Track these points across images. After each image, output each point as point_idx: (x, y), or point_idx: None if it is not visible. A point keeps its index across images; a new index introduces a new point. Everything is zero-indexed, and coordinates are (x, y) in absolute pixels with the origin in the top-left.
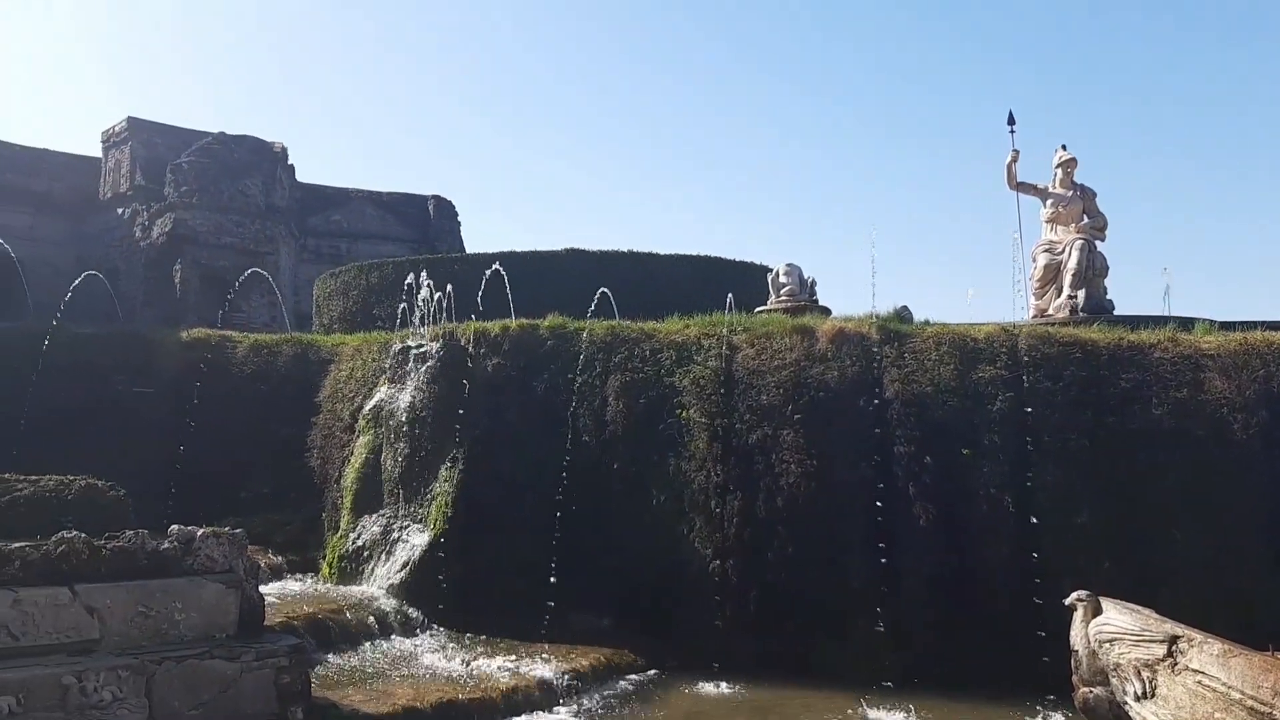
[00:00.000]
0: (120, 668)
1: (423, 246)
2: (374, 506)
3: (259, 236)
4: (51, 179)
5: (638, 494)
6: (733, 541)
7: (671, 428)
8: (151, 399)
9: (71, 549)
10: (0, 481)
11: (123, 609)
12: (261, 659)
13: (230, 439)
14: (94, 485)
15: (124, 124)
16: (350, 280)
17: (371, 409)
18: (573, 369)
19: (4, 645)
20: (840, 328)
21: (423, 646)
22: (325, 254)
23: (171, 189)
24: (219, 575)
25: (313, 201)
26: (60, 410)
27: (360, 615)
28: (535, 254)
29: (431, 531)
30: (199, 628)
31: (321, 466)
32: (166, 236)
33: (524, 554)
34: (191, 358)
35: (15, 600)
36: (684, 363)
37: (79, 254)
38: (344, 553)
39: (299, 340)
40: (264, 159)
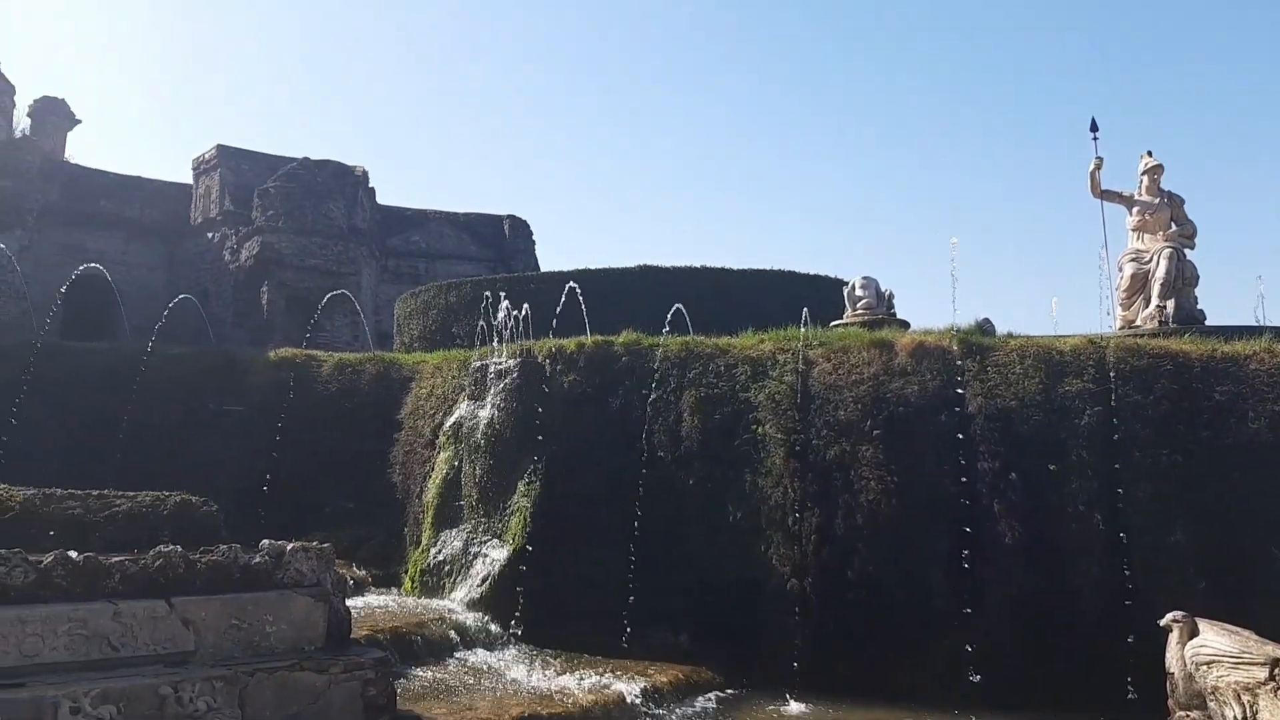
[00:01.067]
0: (215, 678)
1: (498, 265)
2: (454, 521)
3: (342, 258)
4: (145, 205)
5: (714, 510)
6: (811, 559)
7: (747, 443)
8: (241, 416)
9: (168, 562)
10: (100, 497)
11: (217, 621)
12: (349, 671)
13: (316, 455)
14: (188, 500)
15: (213, 151)
16: (430, 299)
17: (451, 425)
18: (647, 385)
19: (104, 656)
20: (920, 341)
21: (503, 660)
22: (405, 274)
23: (259, 213)
24: (308, 589)
25: (392, 223)
26: (156, 427)
27: (442, 629)
28: (609, 271)
29: (510, 547)
30: (289, 640)
31: (403, 482)
32: (254, 259)
33: (601, 569)
34: (279, 376)
35: (115, 612)
36: (759, 378)
37: (171, 277)
38: (425, 567)
39: (381, 359)
40: (346, 183)
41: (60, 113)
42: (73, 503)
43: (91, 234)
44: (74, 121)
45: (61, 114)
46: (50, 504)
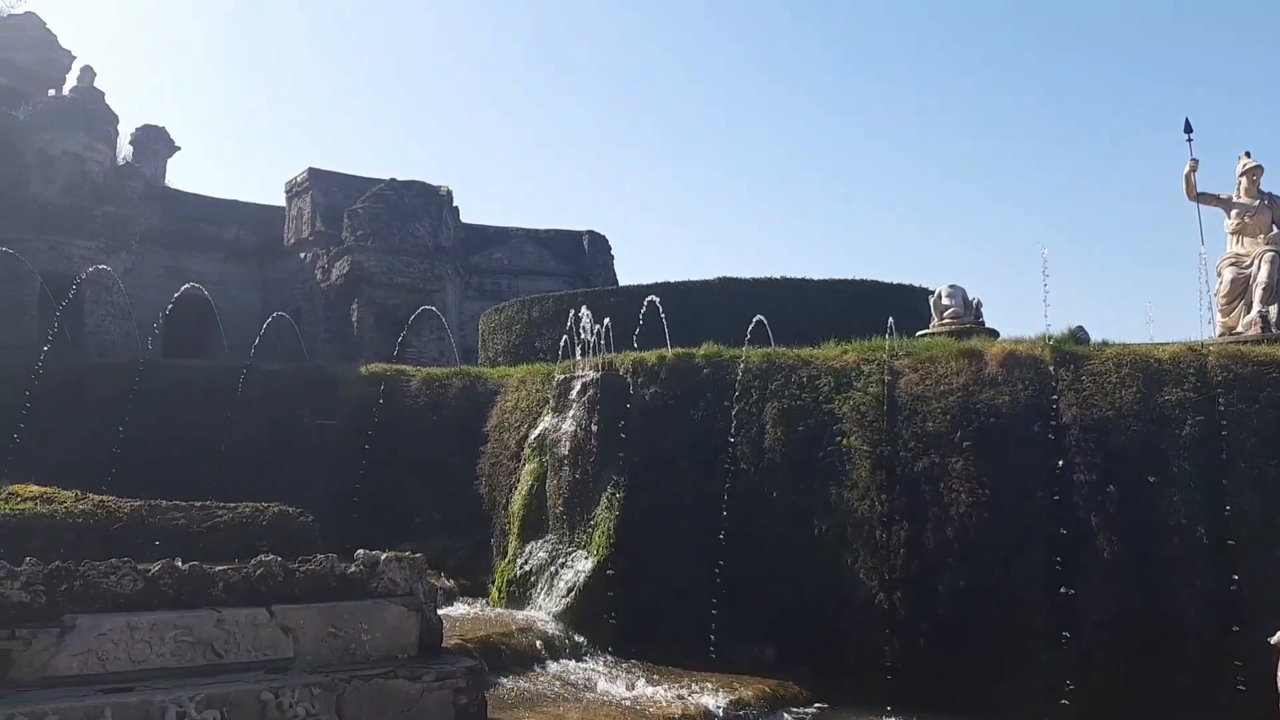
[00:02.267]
0: (313, 685)
1: (578, 280)
2: (540, 532)
3: (428, 275)
4: (240, 227)
5: (799, 523)
6: (900, 573)
7: (832, 455)
8: (334, 430)
9: (269, 572)
10: (203, 508)
11: (314, 629)
12: (441, 680)
13: (404, 467)
14: (285, 512)
15: (305, 174)
16: (513, 315)
17: (536, 438)
18: (729, 397)
19: (209, 662)
20: (1010, 350)
21: (590, 671)
22: (487, 290)
23: (348, 233)
24: (401, 598)
25: (475, 240)
26: (253, 441)
27: (529, 639)
28: (688, 284)
29: (595, 558)
30: (383, 648)
31: (490, 494)
32: (344, 278)
33: (685, 581)
34: (369, 391)
35: (219, 620)
36: (843, 389)
37: (265, 296)
38: (512, 577)
39: (467, 373)
40: (431, 202)
41: (160, 140)
42: (177, 514)
43: (191, 256)
44: (173, 148)
45: (161, 141)
46: (156, 515)
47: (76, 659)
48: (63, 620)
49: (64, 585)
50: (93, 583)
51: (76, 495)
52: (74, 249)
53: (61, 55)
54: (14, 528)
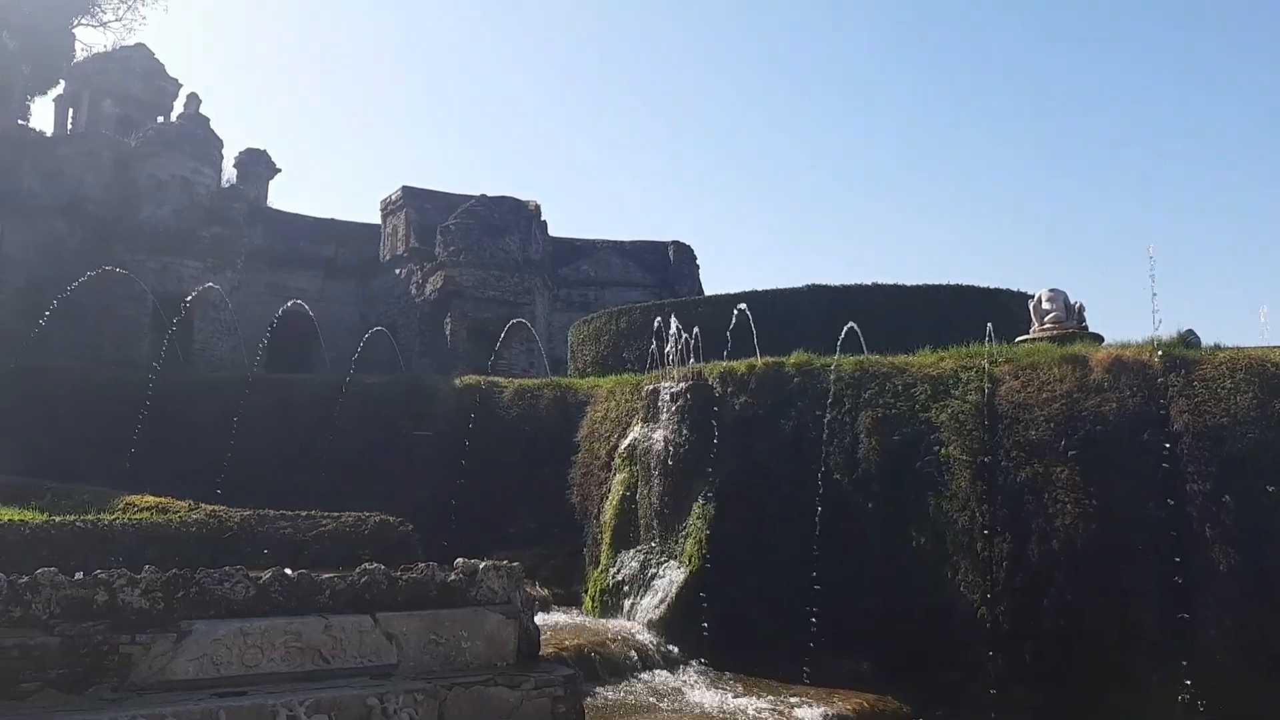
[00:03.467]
0: (416, 691)
1: (663, 291)
2: (631, 542)
3: (517, 288)
4: (338, 245)
5: (895, 534)
6: (1003, 586)
7: (929, 465)
8: (430, 440)
9: (373, 579)
10: (308, 517)
11: (416, 636)
12: (540, 688)
13: (498, 477)
14: (386, 521)
15: (399, 193)
16: (601, 326)
17: (626, 448)
18: (821, 406)
19: (316, 667)
20: (1117, 355)
21: (684, 682)
22: (575, 302)
23: (441, 249)
24: (499, 606)
25: (563, 253)
26: (353, 451)
27: (623, 649)
28: (777, 292)
29: (687, 568)
30: (482, 656)
31: (581, 503)
32: (438, 292)
33: (779, 592)
34: (464, 402)
35: (326, 626)
36: (940, 397)
37: (362, 311)
38: (605, 587)
39: (557, 383)
40: (520, 217)
41: (262, 163)
42: (284, 523)
43: (292, 273)
44: (274, 170)
45: (263, 164)
46: (265, 524)
47: (193, 663)
48: (179, 626)
49: (180, 592)
50: (207, 590)
51: (190, 505)
52: (183, 269)
53: (169, 84)
54: (132, 537)
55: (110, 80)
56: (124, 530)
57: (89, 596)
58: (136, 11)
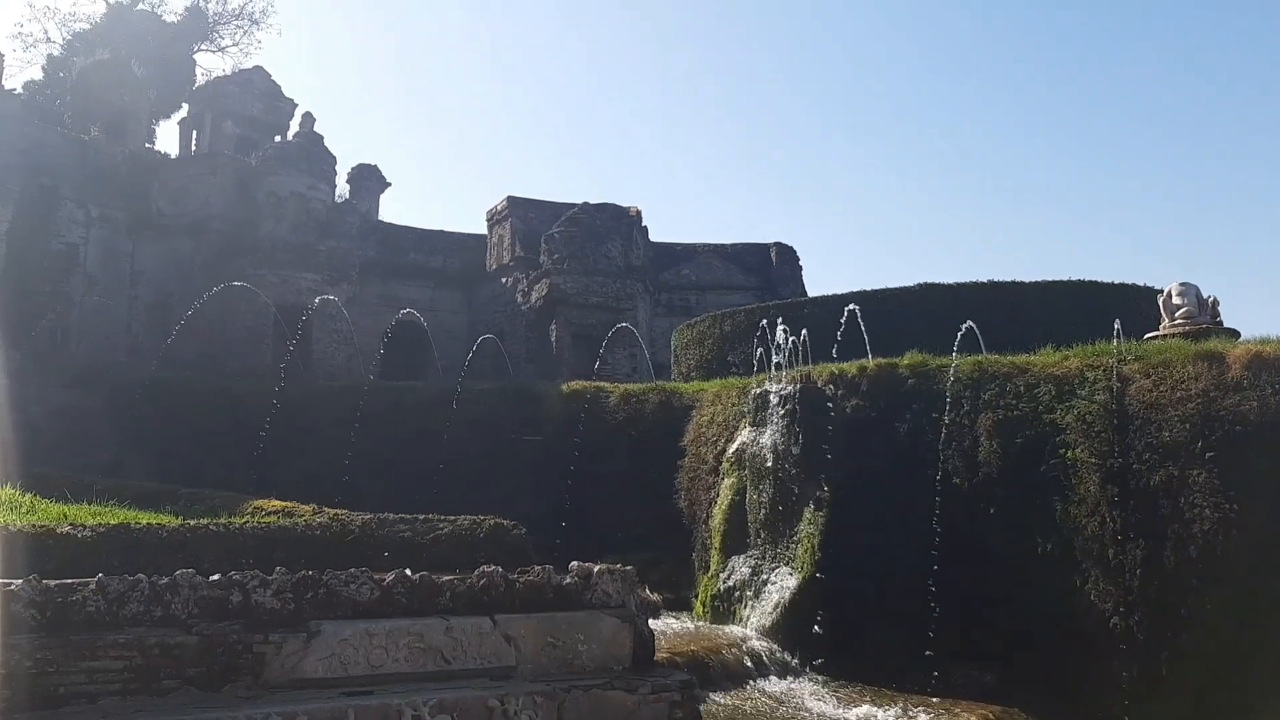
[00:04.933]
0: (535, 694)
1: (766, 293)
2: (742, 547)
3: (620, 294)
4: (446, 256)
5: (1019, 540)
6: (1136, 595)
7: (1055, 469)
8: (538, 445)
9: (491, 582)
10: (426, 521)
11: (534, 638)
12: (657, 693)
13: (605, 481)
14: (500, 524)
15: (504, 203)
16: (705, 329)
17: (734, 452)
18: (938, 408)
19: (438, 668)
20: (1256, 351)
21: (799, 690)
22: (676, 306)
23: (545, 257)
24: (614, 610)
25: (664, 258)
26: (465, 455)
27: (736, 655)
28: (887, 291)
29: (800, 575)
30: (598, 659)
31: (689, 508)
32: (543, 300)
33: (897, 600)
34: (571, 408)
35: (447, 628)
36: (1065, 398)
37: (470, 320)
38: (715, 592)
39: (663, 388)
40: (622, 223)
41: (373, 178)
42: (403, 526)
43: (403, 284)
44: (384, 184)
45: (374, 179)
46: (385, 527)
47: (322, 662)
48: (309, 626)
49: (309, 593)
50: (334, 591)
51: (314, 509)
52: (301, 281)
53: (285, 104)
54: (261, 540)
55: (231, 102)
56: (253, 533)
57: (224, 597)
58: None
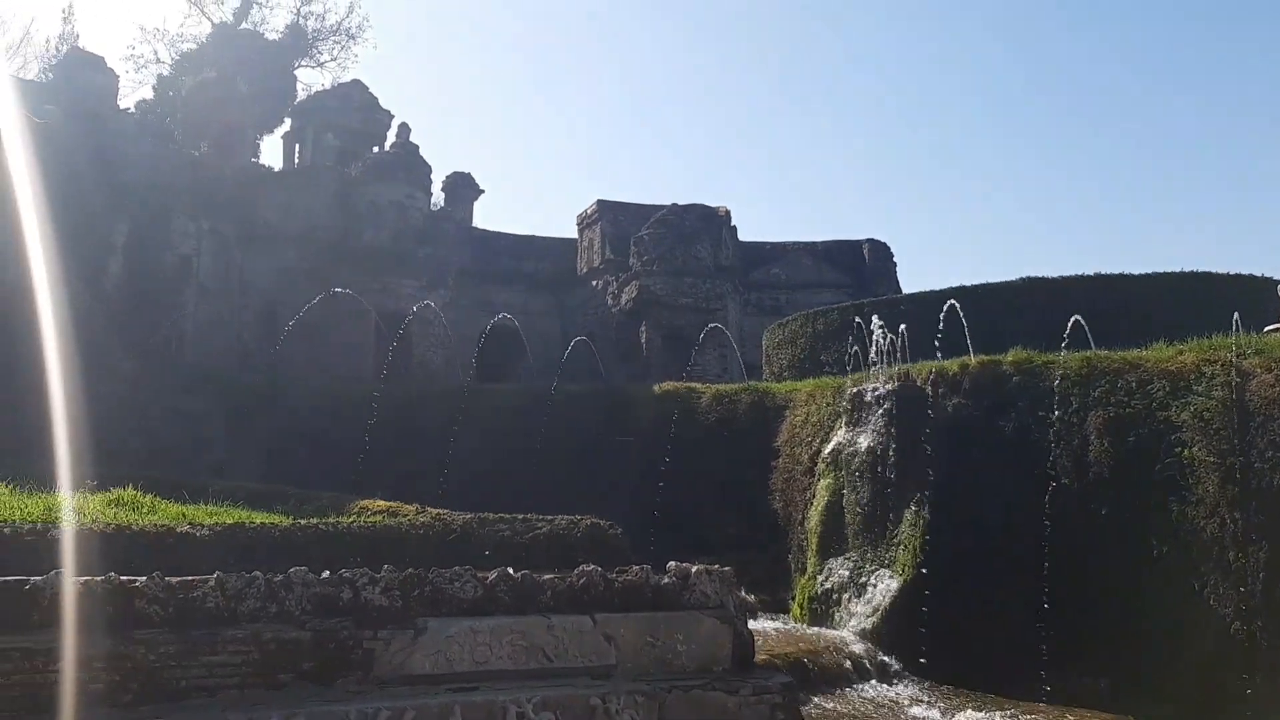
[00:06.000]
0: (636, 693)
1: (859, 291)
2: (839, 549)
3: (710, 295)
4: (538, 261)
5: (1132, 543)
6: (1259, 600)
7: (1170, 468)
8: (631, 445)
9: (590, 581)
10: (525, 520)
11: (633, 638)
12: (758, 694)
13: (698, 482)
14: (597, 524)
15: (594, 207)
16: (797, 329)
17: (830, 452)
18: (1044, 406)
19: (540, 666)
20: None
21: (901, 695)
22: (766, 306)
23: (635, 259)
24: (713, 610)
25: (753, 257)
26: (559, 456)
27: (836, 658)
28: (987, 287)
29: (901, 577)
30: (698, 659)
31: (784, 509)
32: (633, 301)
33: (1002, 604)
34: (663, 409)
35: (549, 626)
36: (1180, 394)
37: (562, 323)
38: (813, 594)
39: (755, 388)
40: (710, 224)
41: (467, 185)
42: (503, 525)
43: (496, 289)
44: (478, 191)
45: (468, 186)
46: (485, 527)
47: (428, 659)
48: (415, 623)
49: (416, 591)
50: (439, 589)
51: (417, 509)
52: (401, 288)
53: (383, 115)
54: (367, 539)
55: (330, 115)
56: (360, 532)
57: (335, 594)
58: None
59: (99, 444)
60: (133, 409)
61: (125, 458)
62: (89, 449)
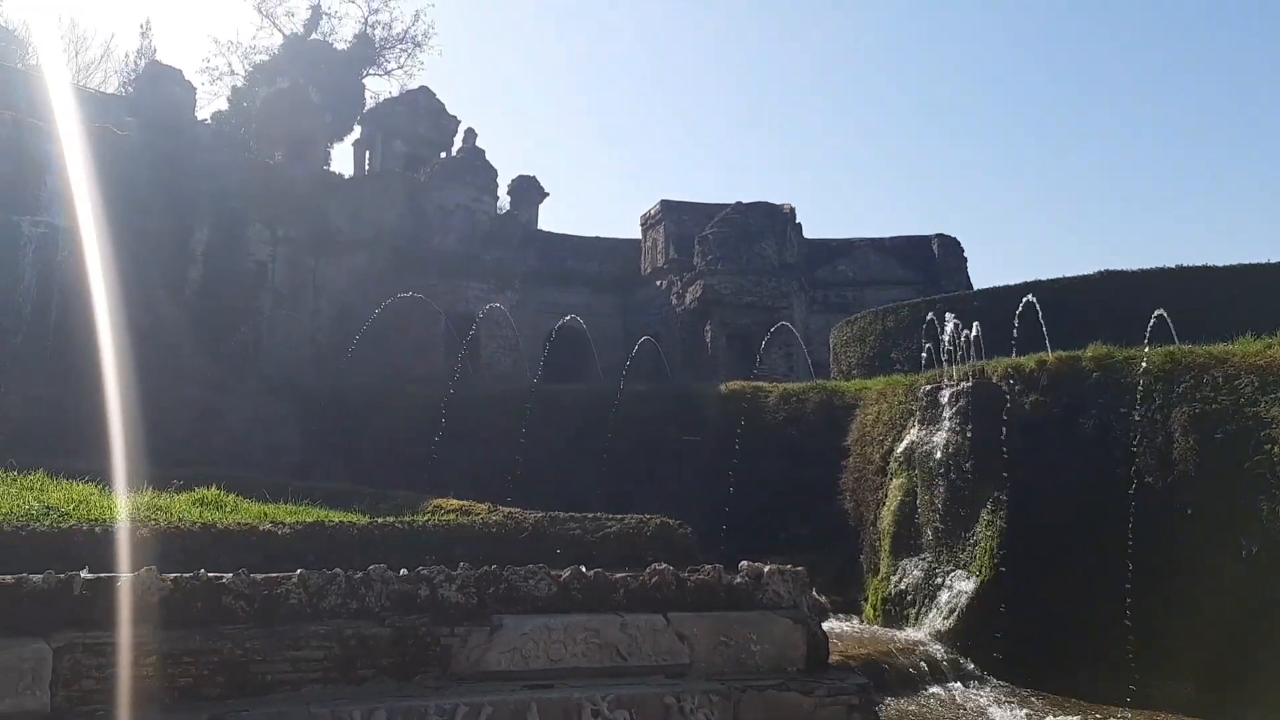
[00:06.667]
0: (711, 692)
1: (928, 287)
2: (913, 550)
3: (775, 293)
4: (602, 262)
5: (1220, 543)
6: None
7: (1260, 466)
8: (697, 445)
9: (663, 580)
10: (595, 519)
11: (707, 637)
12: (834, 695)
13: (766, 481)
14: (666, 523)
15: (658, 207)
16: (866, 326)
17: (903, 451)
18: (1126, 403)
19: (614, 664)
20: None
21: (978, 698)
22: (832, 303)
23: (699, 258)
24: (786, 610)
25: (818, 254)
26: (625, 456)
27: (912, 660)
28: (1063, 281)
29: (978, 578)
30: (771, 660)
31: (855, 509)
32: (697, 301)
33: (1084, 606)
34: (729, 408)
35: (622, 624)
36: (1271, 389)
37: (625, 323)
38: (886, 595)
39: (823, 387)
40: (775, 221)
41: (532, 188)
42: (573, 524)
43: (561, 290)
44: (543, 194)
45: (533, 189)
46: (556, 525)
47: (504, 656)
48: (491, 620)
49: (491, 588)
50: (514, 586)
51: (489, 507)
52: (469, 290)
53: (449, 121)
54: (441, 537)
55: (399, 122)
56: (435, 530)
57: (413, 591)
58: (415, 58)
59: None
60: (213, 411)
61: (208, 458)
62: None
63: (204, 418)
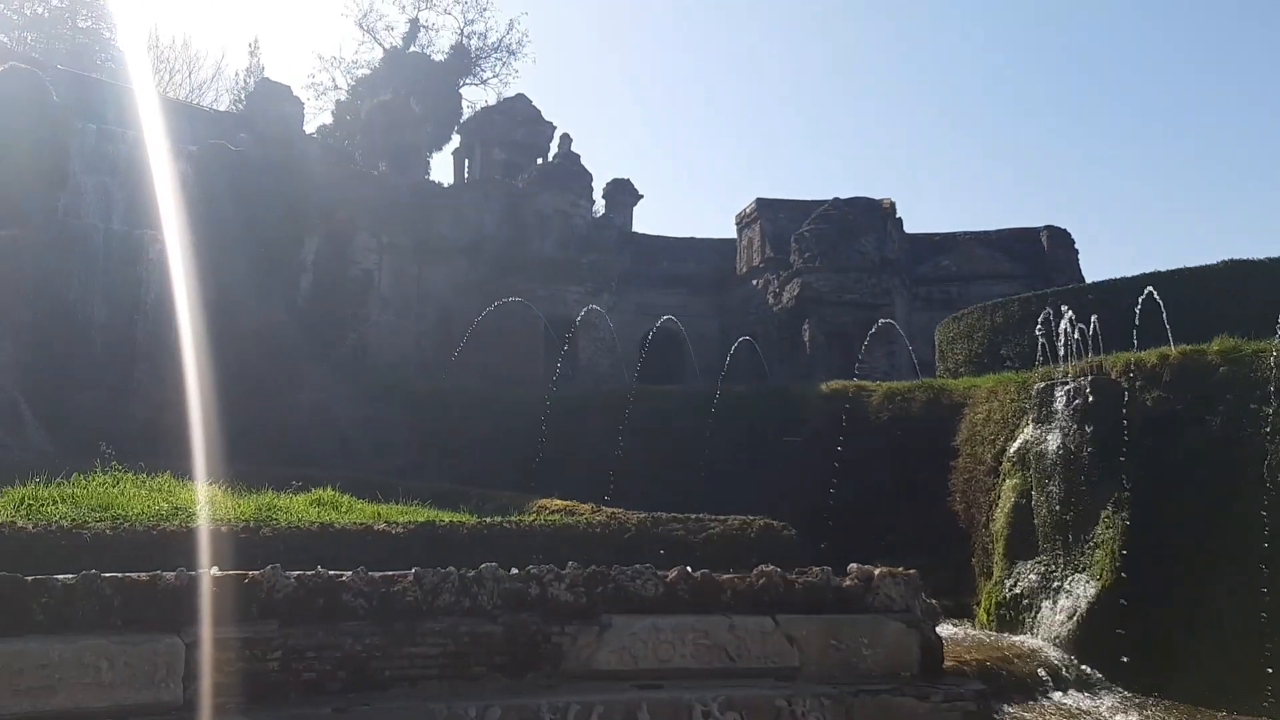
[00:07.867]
0: (823, 695)
1: (1037, 281)
2: (1028, 552)
3: (875, 290)
4: (696, 262)
5: None
6: None
7: None
8: (798, 446)
9: (770, 582)
10: (697, 520)
11: (816, 640)
12: (950, 701)
13: (870, 482)
14: (770, 525)
15: (753, 205)
16: (974, 323)
17: (1016, 451)
18: (1256, 399)
19: (723, 665)
20: None
21: (1101, 706)
22: (936, 299)
23: (796, 256)
24: (898, 614)
25: (920, 250)
26: (725, 456)
27: (1030, 666)
28: (1184, 272)
29: (1099, 582)
30: (883, 664)
31: (965, 511)
32: (794, 300)
33: (1213, 609)
34: (831, 408)
35: (730, 626)
36: None
37: (721, 323)
38: (1000, 600)
39: (929, 386)
40: (874, 217)
41: (626, 191)
42: (675, 525)
43: (657, 292)
44: (637, 197)
45: (627, 192)
46: (658, 526)
47: (613, 655)
48: (600, 619)
49: (599, 588)
50: (622, 586)
51: (593, 508)
52: (567, 294)
53: (545, 128)
54: (548, 537)
55: (496, 130)
56: (541, 530)
57: (523, 590)
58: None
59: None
60: (326, 415)
61: (320, 459)
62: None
63: (316, 421)
